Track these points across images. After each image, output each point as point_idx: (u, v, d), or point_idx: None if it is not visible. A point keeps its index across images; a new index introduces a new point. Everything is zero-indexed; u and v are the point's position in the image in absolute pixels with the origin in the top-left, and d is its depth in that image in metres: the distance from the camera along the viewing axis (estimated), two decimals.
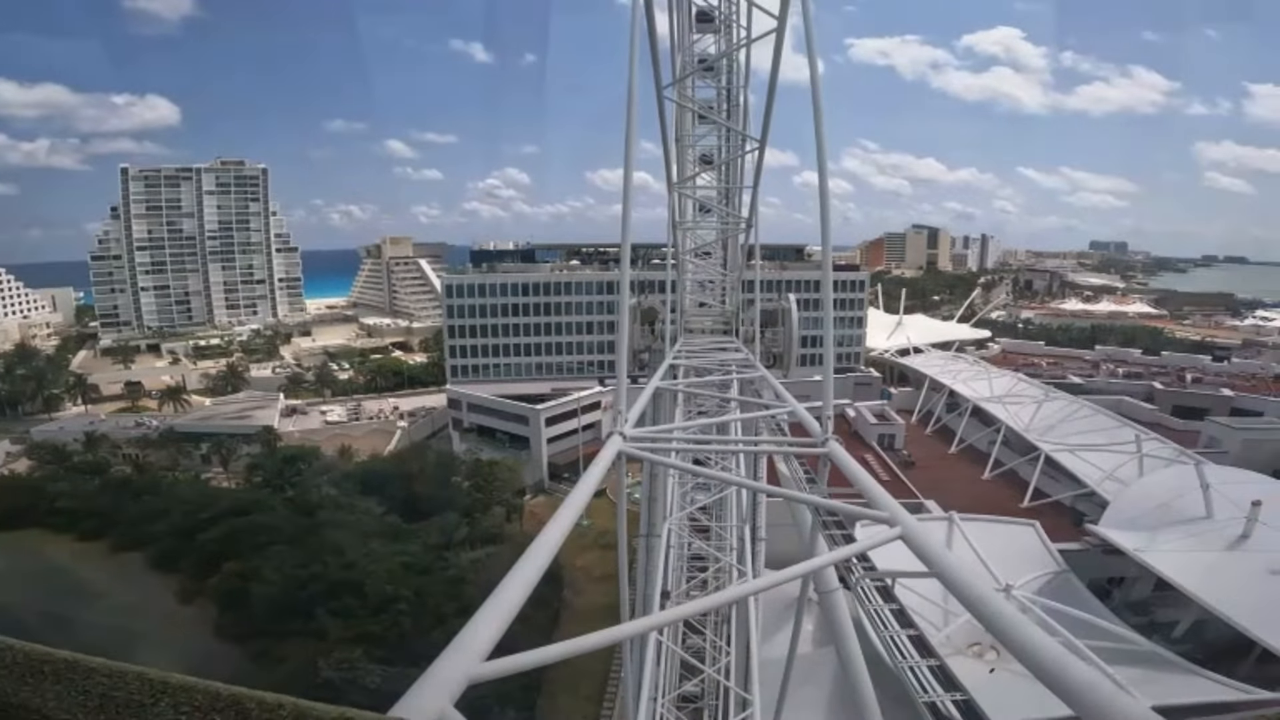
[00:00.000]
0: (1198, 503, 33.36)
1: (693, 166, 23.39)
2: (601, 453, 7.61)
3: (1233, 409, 64.37)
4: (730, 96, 22.53)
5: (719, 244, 24.81)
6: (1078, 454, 43.02)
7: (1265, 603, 27.11)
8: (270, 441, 78.78)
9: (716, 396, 21.54)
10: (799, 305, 22.99)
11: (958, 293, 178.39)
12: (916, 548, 4.72)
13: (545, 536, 5.00)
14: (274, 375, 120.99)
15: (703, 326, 23.58)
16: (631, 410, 10.05)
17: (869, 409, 56.48)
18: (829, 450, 8.42)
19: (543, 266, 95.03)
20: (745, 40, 20.67)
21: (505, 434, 77.61)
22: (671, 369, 19.54)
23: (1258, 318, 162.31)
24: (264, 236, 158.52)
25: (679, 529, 23.56)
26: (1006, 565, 31.61)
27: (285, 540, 49.29)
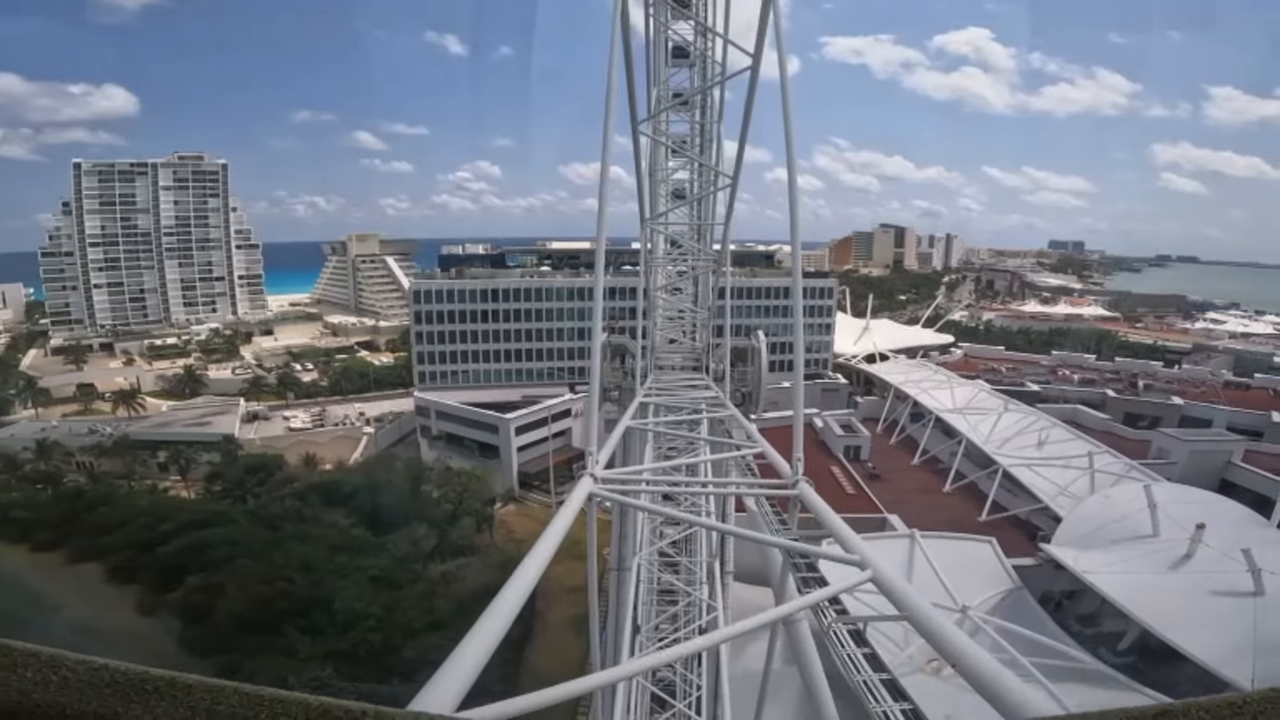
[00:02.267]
0: (1145, 522, 34.87)
1: (665, 202, 23.53)
2: (572, 495, 7.64)
3: (1182, 417, 67.08)
4: (704, 132, 22.72)
5: (690, 280, 24.99)
6: (1034, 469, 44.49)
7: (1203, 621, 28.57)
8: (231, 451, 76.95)
9: (687, 436, 21.81)
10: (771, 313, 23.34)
11: (923, 292, 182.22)
12: (887, 591, 4.85)
13: (515, 583, 4.80)
14: (234, 377, 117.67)
15: (673, 363, 23.76)
16: (602, 451, 10.16)
17: (836, 420, 57.45)
18: (800, 492, 8.61)
19: (513, 272, 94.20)
20: (720, 78, 20.91)
21: (475, 442, 77.01)
22: (642, 407, 19.71)
23: (1208, 320, 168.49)
24: (223, 233, 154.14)
25: (649, 564, 23.86)
26: (964, 584, 32.67)
27: (249, 554, 48.18)
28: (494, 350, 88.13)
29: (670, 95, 21.79)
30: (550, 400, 74.97)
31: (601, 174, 12.50)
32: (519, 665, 41.16)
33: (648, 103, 22.57)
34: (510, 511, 68.25)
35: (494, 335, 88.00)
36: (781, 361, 58.13)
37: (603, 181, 12.37)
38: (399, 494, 61.78)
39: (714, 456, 20.44)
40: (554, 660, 42.03)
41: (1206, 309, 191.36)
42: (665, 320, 24.99)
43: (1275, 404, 70.56)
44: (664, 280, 24.49)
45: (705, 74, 22.17)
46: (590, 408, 11.59)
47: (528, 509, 69.26)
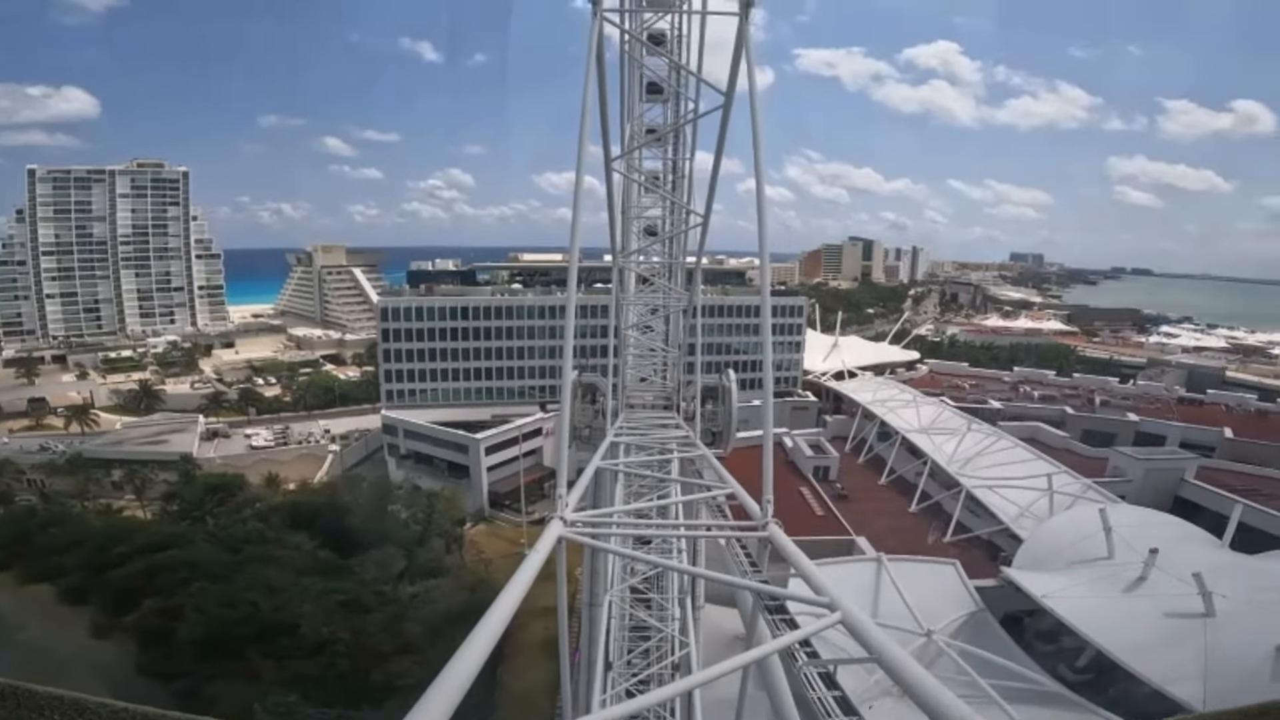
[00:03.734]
0: (1101, 544, 35.84)
1: (637, 239, 23.60)
2: (542, 538, 7.55)
3: (1138, 434, 69.30)
4: (676, 169, 22.86)
5: (661, 319, 25.04)
6: (995, 490, 45.51)
7: (1156, 643, 29.44)
8: (189, 470, 74.78)
9: (657, 477, 21.82)
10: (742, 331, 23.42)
11: (890, 305, 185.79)
12: (857, 633, 4.92)
13: (484, 626, 4.75)
14: (193, 391, 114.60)
15: (644, 401, 23.76)
16: (572, 493, 10.03)
17: (805, 440, 58.13)
18: (770, 534, 8.65)
19: (483, 289, 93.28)
20: (693, 115, 21.09)
21: (444, 461, 76.15)
22: (613, 446, 19.67)
23: (1162, 334, 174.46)
24: (183, 242, 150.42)
25: (620, 600, 23.77)
26: (929, 607, 33.26)
27: (209, 577, 47.03)
28: (463, 369, 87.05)
29: (644, 131, 21.92)
30: (521, 420, 74.49)
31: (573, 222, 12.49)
32: (493, 687, 41.17)
33: (621, 139, 22.69)
34: (480, 532, 67.77)
35: (463, 353, 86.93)
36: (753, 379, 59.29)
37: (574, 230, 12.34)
38: (366, 515, 60.80)
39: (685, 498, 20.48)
40: (527, 681, 42.05)
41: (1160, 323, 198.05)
42: (636, 359, 24.99)
43: (1227, 420, 73.32)
44: (635, 318, 24.49)
45: (678, 110, 22.36)
46: (560, 450, 11.52)
47: (498, 529, 68.75)
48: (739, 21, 12.72)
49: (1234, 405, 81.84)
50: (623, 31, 17.03)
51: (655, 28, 21.37)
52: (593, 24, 12.63)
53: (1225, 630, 28.51)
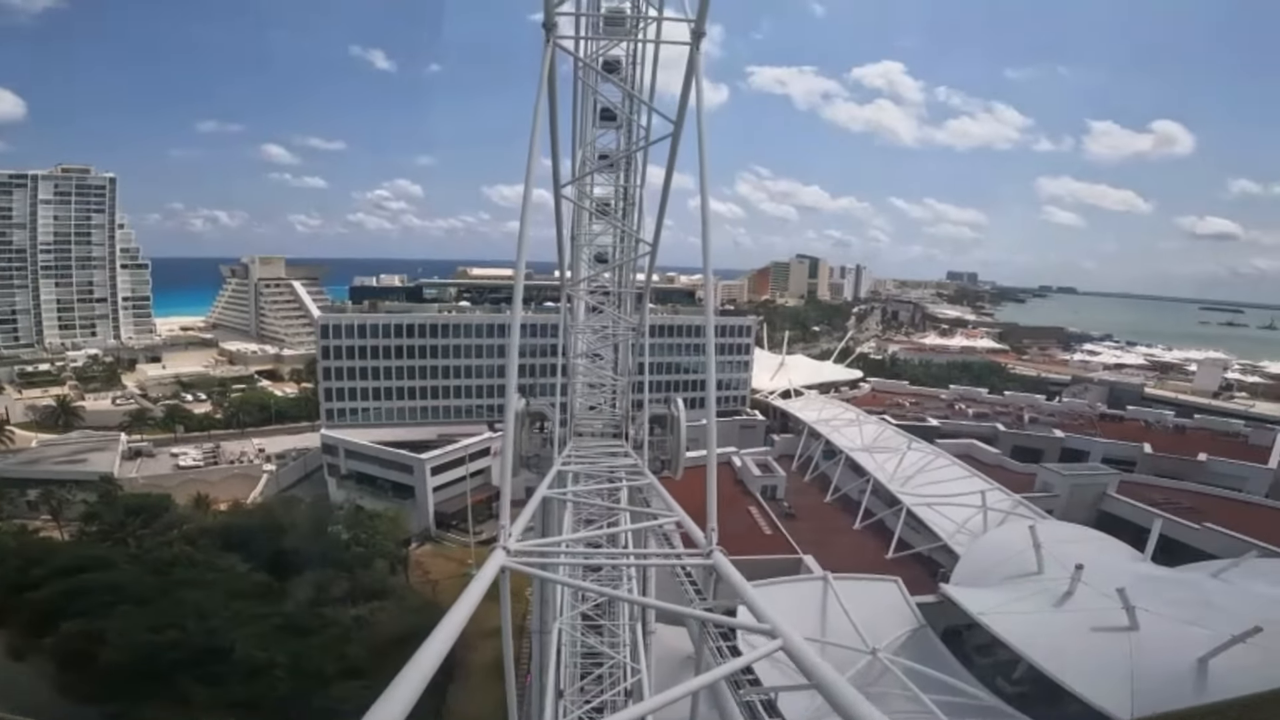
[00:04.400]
0: (1032, 560, 37.35)
1: (587, 266, 23.51)
2: (484, 568, 7.40)
3: (1063, 449, 72.90)
4: (627, 196, 22.91)
5: (610, 347, 24.94)
6: (934, 507, 47.02)
7: (1084, 657, 30.74)
8: (110, 491, 70.56)
9: (605, 505, 21.65)
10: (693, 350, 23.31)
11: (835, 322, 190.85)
12: (798, 660, 4.97)
13: (422, 655, 4.63)
14: (115, 408, 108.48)
15: (593, 429, 23.58)
16: (516, 523, 9.88)
17: (753, 459, 58.96)
18: (714, 562, 8.68)
19: (430, 306, 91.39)
20: (644, 143, 21.17)
21: (387, 481, 74.00)
22: (561, 475, 19.45)
23: (1085, 351, 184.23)
24: (107, 250, 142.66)
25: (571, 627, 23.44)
26: (874, 625, 34.00)
27: (133, 600, 45.06)
28: (408, 387, 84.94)
29: (596, 157, 21.92)
30: (468, 440, 73.10)
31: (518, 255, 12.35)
32: (441, 712, 41.12)
33: (573, 164, 22.61)
34: (427, 552, 66.77)
35: (408, 372, 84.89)
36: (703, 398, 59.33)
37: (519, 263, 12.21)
38: (304, 536, 59.03)
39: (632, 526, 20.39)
40: (477, 705, 41.72)
41: (1084, 340, 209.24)
42: (586, 387, 24.82)
43: (1146, 435, 77.67)
44: (584, 347, 24.34)
45: (630, 138, 22.45)
46: (504, 480, 11.31)
47: (445, 549, 67.75)
48: (689, 51, 12.93)
49: (1153, 421, 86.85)
50: (576, 59, 17.07)
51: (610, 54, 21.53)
52: (546, 50, 12.61)
53: (1148, 643, 29.94)
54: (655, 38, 18.67)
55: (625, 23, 19.71)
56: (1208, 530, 46.78)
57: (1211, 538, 46.05)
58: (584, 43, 18.31)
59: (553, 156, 17.04)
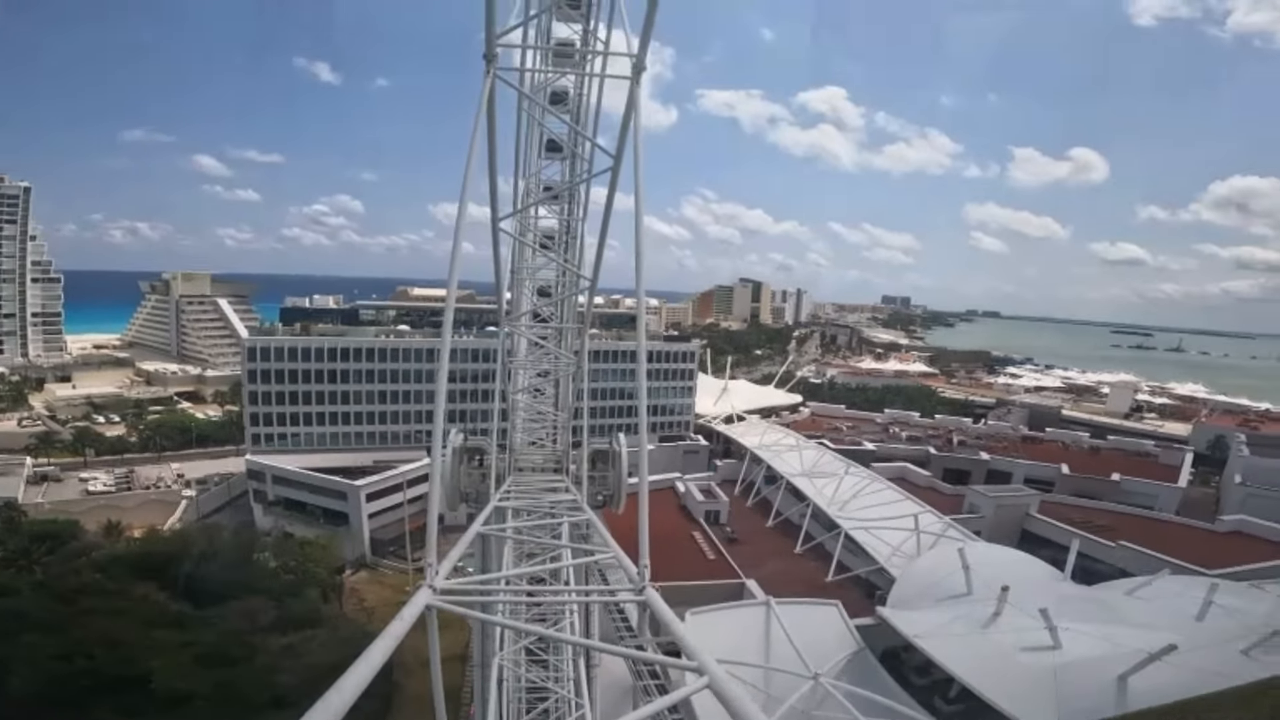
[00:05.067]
0: (961, 582, 38.73)
1: (529, 299, 23.29)
2: (407, 606, 7.10)
3: (989, 471, 76.32)
4: (570, 229, 22.85)
5: (550, 382, 24.71)
6: (870, 531, 48.30)
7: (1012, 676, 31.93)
8: (13, 517, 65.76)
9: (539, 541, 21.35)
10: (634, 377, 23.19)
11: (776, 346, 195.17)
12: (723, 698, 4.97)
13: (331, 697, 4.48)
14: (20, 430, 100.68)
15: (533, 464, 23.25)
16: (446, 560, 9.65)
17: (696, 485, 59.51)
18: (646, 598, 8.76)
19: (366, 330, 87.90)
20: (586, 176, 21.20)
21: (319, 508, 70.96)
22: (499, 511, 19.07)
23: (1008, 375, 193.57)
24: (17, 264, 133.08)
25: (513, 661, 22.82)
26: (815, 649, 34.47)
27: (40, 628, 42.39)
28: (342, 412, 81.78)
29: (541, 189, 21.84)
30: (406, 466, 70.88)
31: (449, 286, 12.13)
32: None
33: (514, 196, 22.42)
34: (362, 579, 64.87)
35: (343, 396, 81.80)
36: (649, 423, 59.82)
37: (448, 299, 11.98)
38: (228, 564, 56.58)
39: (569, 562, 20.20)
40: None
41: (1007, 364, 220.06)
42: (526, 422, 24.47)
43: (1064, 456, 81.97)
44: (525, 382, 24.04)
45: (574, 170, 22.47)
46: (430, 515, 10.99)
47: (382, 576, 65.84)
48: (630, 85, 13.06)
49: (1069, 442, 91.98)
50: (520, 93, 16.98)
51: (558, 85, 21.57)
52: (485, 81, 12.46)
53: (1071, 661, 31.30)
54: (598, 71, 18.92)
55: (572, 55, 19.89)
56: (1122, 548, 49.62)
57: (1126, 555, 48.87)
58: (527, 75, 18.29)
59: (490, 190, 16.76)
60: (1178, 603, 35.61)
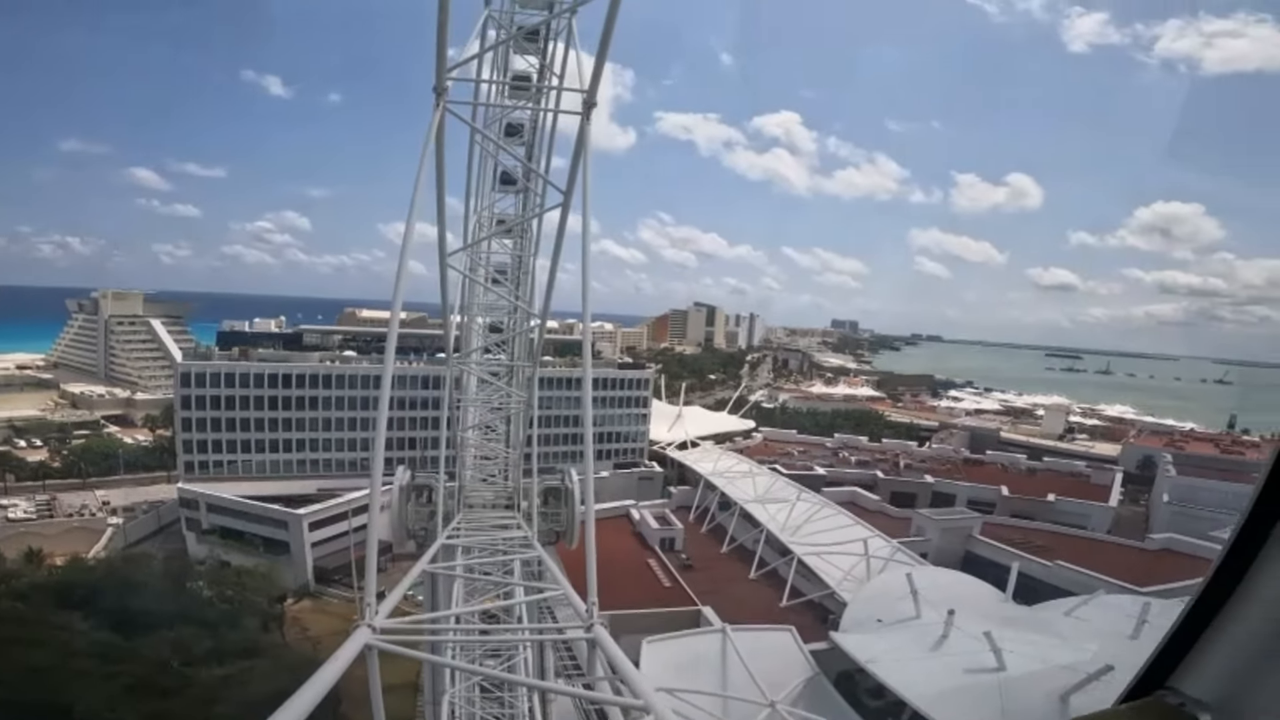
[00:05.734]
0: (910, 606, 39.63)
1: (479, 336, 23.03)
2: (344, 646, 6.85)
3: (934, 494, 78.53)
4: (522, 264, 22.74)
5: (501, 419, 24.37)
6: (822, 556, 49.06)
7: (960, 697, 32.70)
8: None
9: (490, 579, 20.97)
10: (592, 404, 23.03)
11: (730, 370, 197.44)
12: None
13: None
14: None
15: (484, 501, 22.83)
16: (389, 598, 9.40)
17: (651, 512, 59.67)
18: (595, 635, 8.64)
19: (310, 356, 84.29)
20: (539, 209, 21.19)
21: (258, 537, 68.18)
22: (447, 549, 18.66)
23: (950, 398, 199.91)
24: None
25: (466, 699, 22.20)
26: (771, 676, 34.65)
27: None
28: (283, 439, 78.62)
29: (494, 222, 21.72)
30: (351, 494, 68.68)
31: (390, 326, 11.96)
32: None
33: (465, 230, 22.24)
34: (305, 608, 62.56)
35: (284, 423, 78.74)
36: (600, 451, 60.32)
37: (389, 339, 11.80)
38: (158, 593, 54.75)
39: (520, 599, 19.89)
40: None
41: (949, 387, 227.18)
42: (477, 460, 24.04)
43: (1003, 478, 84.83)
44: (475, 419, 23.63)
45: (526, 204, 22.45)
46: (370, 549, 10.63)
47: (327, 605, 63.57)
48: (580, 121, 13.20)
49: (1008, 465, 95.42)
50: (473, 128, 16.88)
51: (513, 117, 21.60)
52: (435, 115, 12.38)
53: (1014, 682, 32.22)
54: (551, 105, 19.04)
55: (527, 88, 20.02)
56: (1059, 567, 51.63)
57: (1063, 575, 50.81)
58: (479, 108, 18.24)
59: (439, 225, 16.48)
60: (1113, 621, 37.19)
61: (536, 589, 17.80)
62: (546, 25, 18.66)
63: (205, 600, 54.79)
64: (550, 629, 22.41)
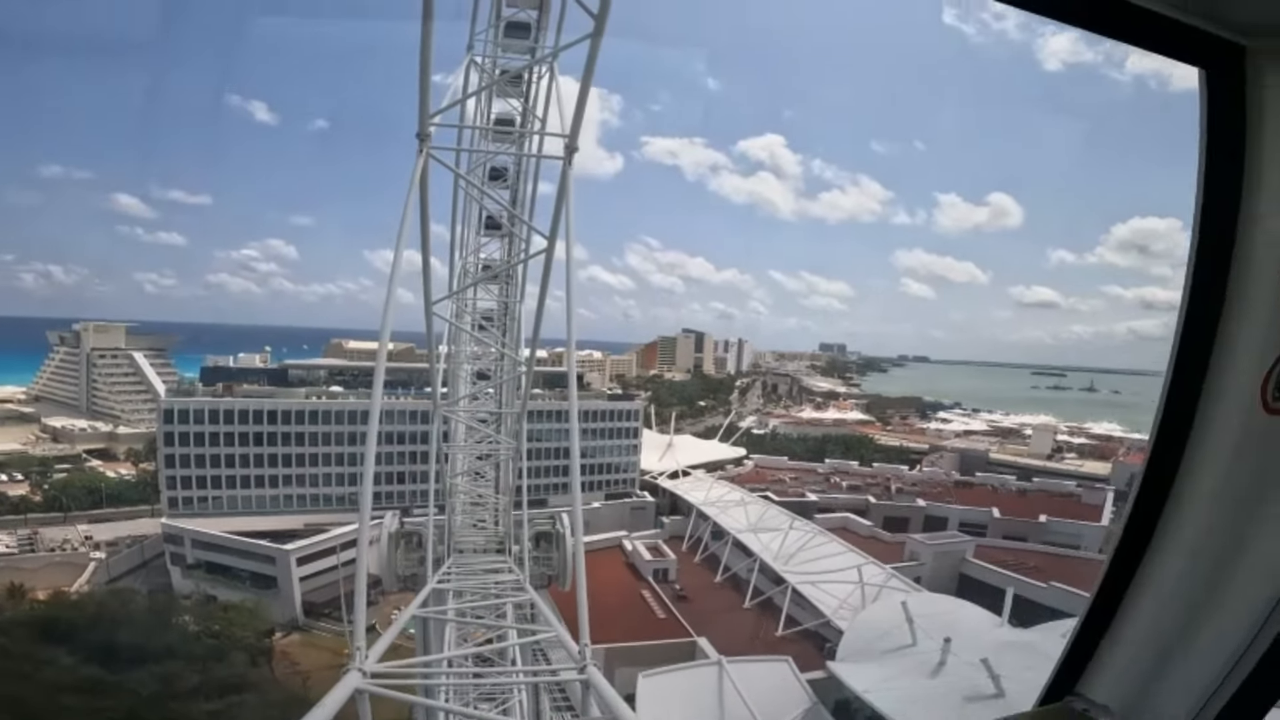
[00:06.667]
0: (906, 633, 39.49)
1: (466, 384, 23.02)
2: (334, 689, 6.85)
3: (926, 517, 78.46)
4: (508, 311, 22.81)
5: (491, 465, 24.21)
6: (816, 585, 48.93)
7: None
8: None
9: (482, 623, 20.79)
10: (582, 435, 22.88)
11: (719, 396, 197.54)
12: None
13: None
14: None
15: (475, 545, 22.63)
16: (379, 642, 9.34)
17: (644, 543, 59.60)
18: (588, 677, 8.64)
19: (296, 391, 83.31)
20: (524, 255, 21.29)
21: (245, 571, 67.41)
22: (438, 594, 18.50)
23: (939, 419, 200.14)
24: None
25: None
26: (769, 708, 34.54)
27: None
28: (270, 475, 77.60)
29: (479, 268, 21.82)
30: (339, 529, 67.85)
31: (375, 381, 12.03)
32: None
33: (450, 276, 22.28)
34: (295, 642, 62.16)
35: (270, 459, 77.69)
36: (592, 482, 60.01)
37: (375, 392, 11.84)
38: (145, 628, 53.86)
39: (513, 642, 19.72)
40: None
41: (937, 408, 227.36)
42: (467, 505, 23.88)
43: (994, 500, 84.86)
44: (464, 465, 23.50)
45: (511, 250, 22.51)
46: (358, 594, 10.50)
47: (316, 639, 62.86)
48: (562, 166, 13.40)
49: (999, 486, 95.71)
50: (456, 174, 17.00)
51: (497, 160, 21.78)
52: (418, 161, 12.43)
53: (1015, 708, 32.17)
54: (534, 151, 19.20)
55: (510, 133, 20.27)
56: (1053, 588, 51.48)
57: (1057, 595, 50.67)
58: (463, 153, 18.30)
59: (424, 272, 16.49)
60: None
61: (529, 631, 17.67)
62: (529, 69, 18.99)
63: (192, 635, 54.26)
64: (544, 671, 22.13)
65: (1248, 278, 2.03)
